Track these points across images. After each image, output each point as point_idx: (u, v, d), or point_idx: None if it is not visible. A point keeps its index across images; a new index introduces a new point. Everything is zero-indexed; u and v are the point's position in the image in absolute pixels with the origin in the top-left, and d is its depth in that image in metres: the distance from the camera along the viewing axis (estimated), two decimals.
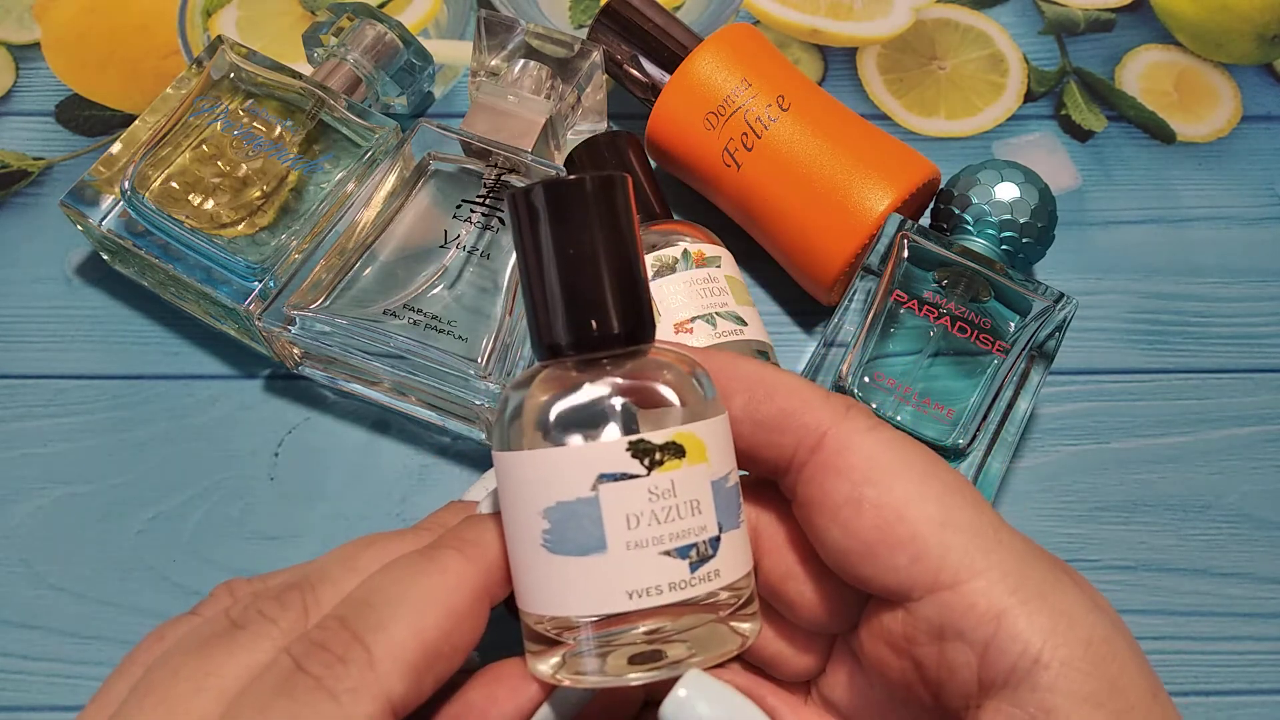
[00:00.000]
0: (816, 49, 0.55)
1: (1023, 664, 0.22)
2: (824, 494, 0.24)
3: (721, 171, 0.45)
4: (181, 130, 0.45)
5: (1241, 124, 0.54)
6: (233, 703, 0.22)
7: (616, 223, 0.24)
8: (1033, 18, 0.57)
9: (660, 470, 0.23)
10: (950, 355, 0.42)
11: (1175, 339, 0.48)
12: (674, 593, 0.23)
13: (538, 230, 0.24)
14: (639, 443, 0.23)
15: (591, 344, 0.24)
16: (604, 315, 0.24)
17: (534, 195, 0.24)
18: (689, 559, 0.23)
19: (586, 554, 0.23)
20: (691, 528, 0.23)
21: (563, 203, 0.24)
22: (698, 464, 0.24)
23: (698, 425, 0.24)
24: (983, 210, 0.43)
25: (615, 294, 0.24)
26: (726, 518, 0.24)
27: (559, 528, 0.23)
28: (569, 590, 0.23)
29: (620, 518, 0.23)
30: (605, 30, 0.48)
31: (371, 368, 0.41)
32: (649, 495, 0.23)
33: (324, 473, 0.44)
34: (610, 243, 0.24)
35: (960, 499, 0.24)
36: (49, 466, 0.43)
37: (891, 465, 0.24)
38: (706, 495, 0.24)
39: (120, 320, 0.47)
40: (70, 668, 0.40)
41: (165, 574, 0.42)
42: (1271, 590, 0.43)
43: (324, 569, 0.25)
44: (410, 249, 0.43)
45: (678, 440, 0.23)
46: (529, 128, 0.45)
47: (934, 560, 0.23)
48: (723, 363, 0.26)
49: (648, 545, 0.23)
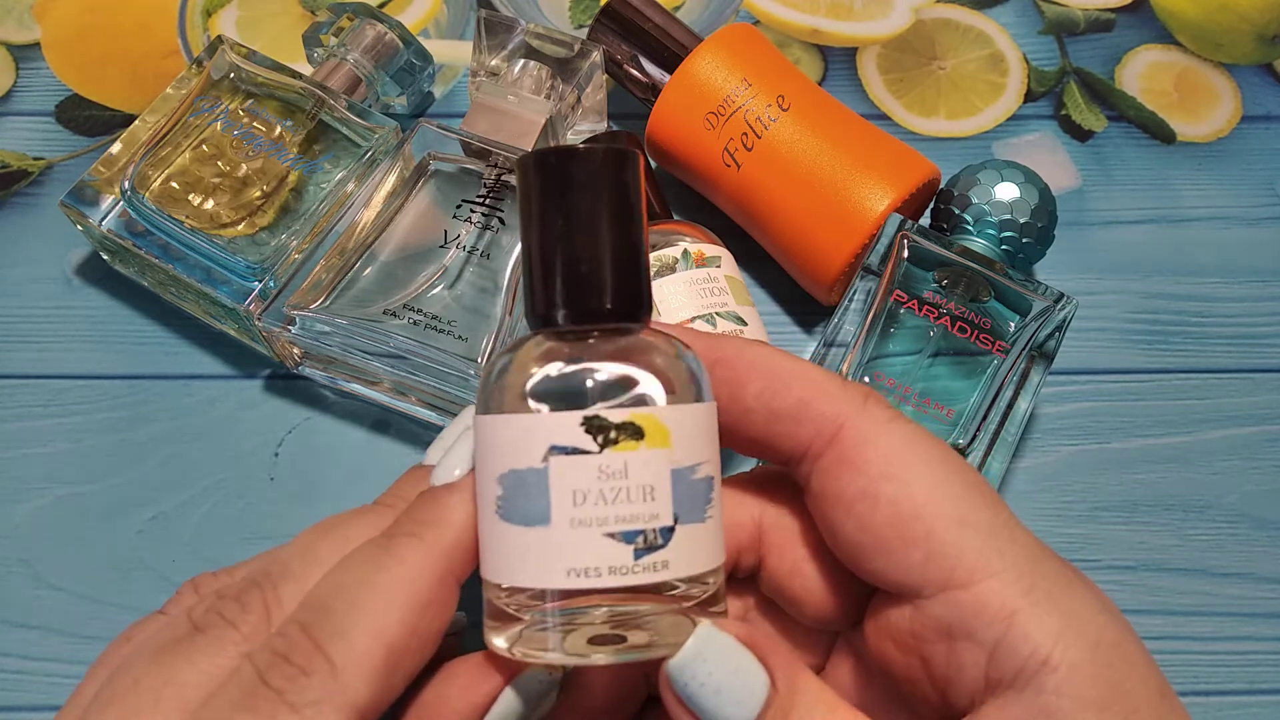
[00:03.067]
0: (816, 49, 0.55)
1: (1031, 665, 0.22)
2: (839, 487, 0.24)
3: (721, 171, 0.45)
4: (181, 130, 0.45)
5: (1241, 124, 0.54)
6: (195, 713, 0.22)
7: (622, 198, 0.24)
8: (1033, 18, 0.57)
9: (614, 449, 0.22)
10: (950, 355, 0.42)
11: (1175, 339, 0.48)
12: (613, 577, 0.22)
13: (542, 196, 0.24)
14: (594, 419, 0.22)
15: (581, 317, 0.24)
16: (597, 289, 0.24)
17: (543, 161, 0.23)
18: (634, 545, 0.23)
19: (531, 525, 0.23)
20: (641, 513, 0.23)
21: (570, 171, 0.23)
22: (657, 448, 0.23)
23: (663, 409, 0.23)
24: (983, 210, 0.43)
25: (611, 269, 0.24)
26: (687, 510, 0.23)
27: (510, 495, 0.23)
28: (513, 559, 0.23)
29: (567, 492, 0.22)
30: (605, 30, 0.48)
31: (371, 368, 0.41)
32: (598, 473, 0.22)
33: (324, 473, 0.44)
34: (613, 216, 0.24)
35: (977, 497, 0.24)
36: (49, 466, 0.43)
37: (909, 460, 0.24)
38: (663, 482, 0.23)
39: (120, 320, 0.47)
40: (70, 668, 0.40)
41: (165, 574, 0.42)
42: (1271, 590, 0.43)
43: (285, 563, 0.24)
44: (410, 249, 0.43)
45: (635, 421, 0.23)
46: (529, 128, 0.45)
47: (948, 559, 0.23)
48: (737, 349, 0.25)
49: (591, 525, 0.22)
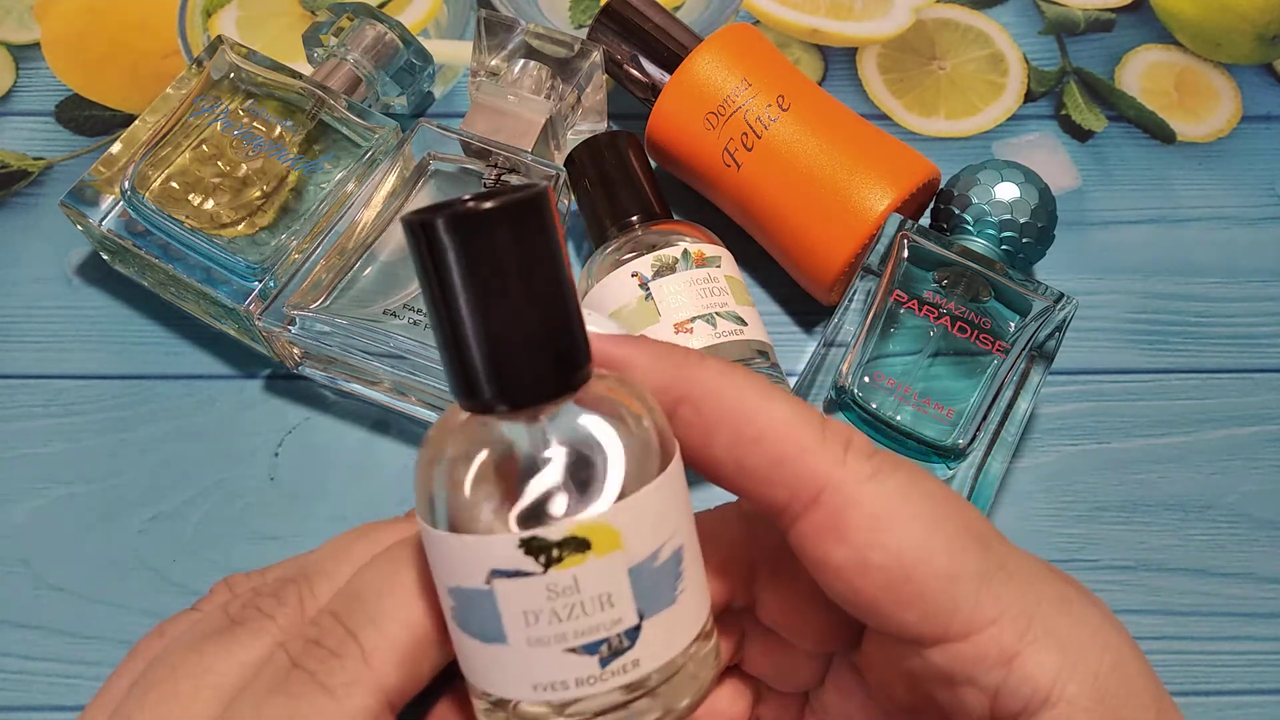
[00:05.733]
0: (816, 49, 0.55)
1: (1033, 704, 0.22)
2: (825, 555, 0.23)
3: (721, 171, 0.45)
4: (181, 130, 0.45)
5: (1241, 124, 0.54)
6: (231, 700, 0.22)
7: (538, 252, 0.20)
8: (1033, 18, 0.57)
9: (559, 567, 0.20)
10: (950, 355, 0.42)
11: (1175, 339, 0.48)
12: (582, 688, 0.21)
13: (443, 268, 0.20)
14: (531, 540, 0.20)
15: (515, 399, 0.21)
16: (530, 368, 0.20)
17: (436, 229, 0.19)
18: (598, 654, 0.21)
19: (489, 642, 0.21)
20: (600, 623, 0.21)
21: (471, 238, 0.20)
22: (608, 554, 0.21)
23: (610, 511, 0.21)
24: (983, 210, 0.43)
25: (538, 340, 0.20)
26: (651, 602, 0.21)
27: (463, 610, 0.21)
28: (478, 668, 0.22)
29: (518, 614, 0.21)
30: (605, 30, 0.48)
31: (371, 368, 0.41)
32: (547, 593, 0.20)
33: (324, 473, 0.44)
34: (533, 280, 0.20)
35: (967, 542, 0.23)
36: (49, 466, 0.43)
37: (895, 520, 0.23)
38: (621, 586, 0.21)
39: (120, 320, 0.47)
40: (70, 668, 0.40)
41: (165, 574, 0.42)
42: (1271, 590, 0.43)
43: (319, 562, 0.25)
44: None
45: (578, 535, 0.20)
46: (529, 128, 0.45)
47: (943, 615, 0.22)
48: (704, 388, 0.23)
49: (550, 643, 0.21)
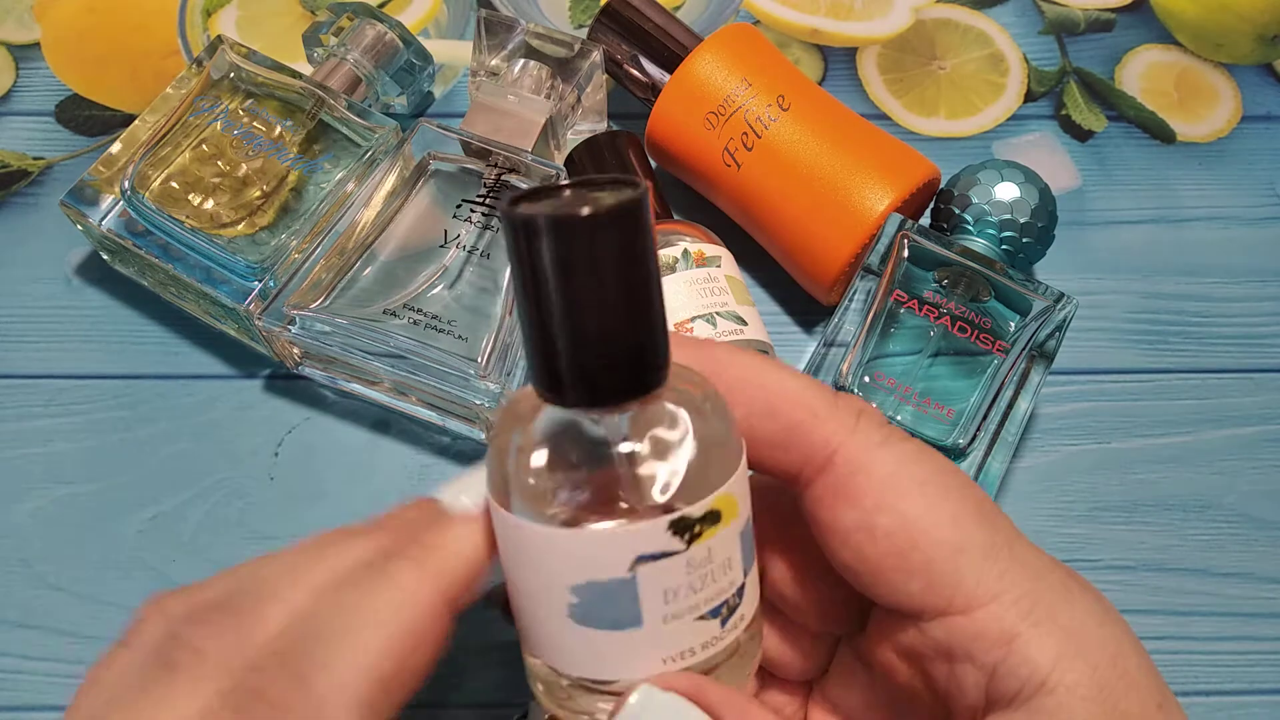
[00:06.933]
0: (816, 49, 0.55)
1: (1029, 687, 0.22)
2: (834, 518, 0.23)
3: (721, 171, 0.45)
4: (181, 130, 0.44)
5: (1241, 124, 0.54)
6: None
7: (634, 256, 0.20)
8: (1033, 18, 0.57)
9: (699, 542, 0.22)
10: (950, 355, 0.42)
11: (1175, 339, 0.48)
12: (706, 651, 0.23)
13: (538, 266, 0.20)
14: (679, 520, 0.21)
15: (602, 399, 0.21)
16: (617, 367, 0.21)
17: (537, 226, 0.20)
18: (720, 616, 0.23)
19: (621, 629, 0.22)
20: (724, 586, 0.23)
21: (571, 243, 0.20)
22: (731, 521, 0.22)
23: (732, 483, 0.22)
24: (983, 210, 0.43)
25: (630, 342, 0.21)
26: (749, 558, 0.23)
27: (590, 603, 0.22)
28: (599, 658, 0.22)
29: (658, 594, 0.22)
30: (605, 30, 0.48)
31: (371, 367, 0.41)
32: (686, 568, 0.22)
33: (324, 473, 0.44)
34: (627, 283, 0.20)
35: (975, 516, 0.23)
36: (49, 466, 0.43)
37: (904, 487, 0.23)
38: (736, 549, 0.23)
39: (120, 320, 0.47)
40: (70, 668, 0.40)
41: (165, 574, 0.42)
42: (1271, 590, 0.43)
43: (270, 581, 0.23)
44: (410, 249, 0.43)
45: (715, 508, 0.22)
46: (529, 127, 0.45)
47: (947, 587, 0.23)
48: (720, 364, 0.24)
49: (684, 615, 0.22)
